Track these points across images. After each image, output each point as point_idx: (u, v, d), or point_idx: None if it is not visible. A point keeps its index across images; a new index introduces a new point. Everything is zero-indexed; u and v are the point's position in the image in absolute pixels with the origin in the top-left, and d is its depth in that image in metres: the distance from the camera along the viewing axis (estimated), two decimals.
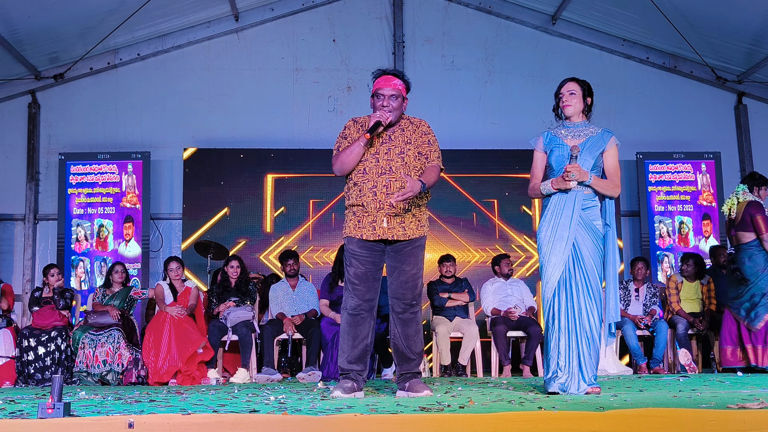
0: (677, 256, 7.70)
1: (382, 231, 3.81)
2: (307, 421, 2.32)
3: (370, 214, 3.83)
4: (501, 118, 8.21)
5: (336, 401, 3.34)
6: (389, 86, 3.88)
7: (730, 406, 2.66)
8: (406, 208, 3.82)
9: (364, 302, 3.83)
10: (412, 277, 3.85)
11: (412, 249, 3.86)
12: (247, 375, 6.07)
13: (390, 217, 3.81)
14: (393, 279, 3.86)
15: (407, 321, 3.85)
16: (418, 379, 3.89)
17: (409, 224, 3.86)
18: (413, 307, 3.85)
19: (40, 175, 7.94)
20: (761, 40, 7.41)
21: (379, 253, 3.87)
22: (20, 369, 5.90)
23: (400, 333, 3.85)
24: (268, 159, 7.84)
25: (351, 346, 3.82)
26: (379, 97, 3.87)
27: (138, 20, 7.32)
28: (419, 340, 3.90)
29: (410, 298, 3.84)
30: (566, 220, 3.76)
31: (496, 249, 7.67)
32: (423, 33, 8.28)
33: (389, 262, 3.89)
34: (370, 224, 3.83)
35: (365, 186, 3.83)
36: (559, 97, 3.95)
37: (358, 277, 3.84)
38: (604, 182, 3.84)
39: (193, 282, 6.50)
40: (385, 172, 3.82)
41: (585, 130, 3.91)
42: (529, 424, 2.28)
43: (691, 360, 6.35)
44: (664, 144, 8.17)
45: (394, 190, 3.77)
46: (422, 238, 3.92)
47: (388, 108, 3.84)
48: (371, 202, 3.81)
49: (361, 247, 3.85)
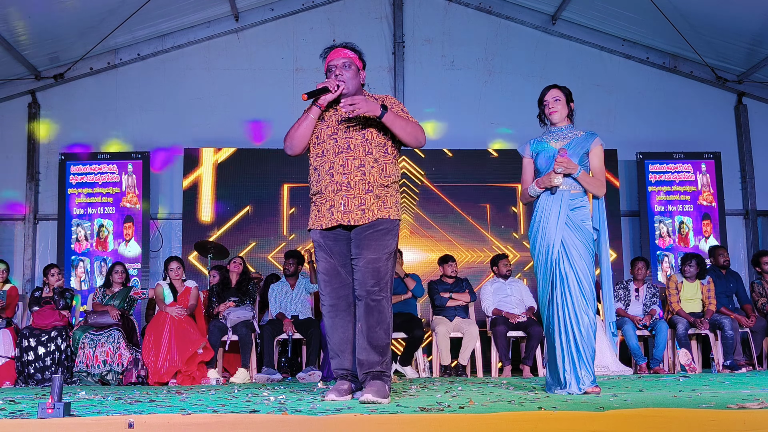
0: (677, 256, 7.71)
1: (339, 215, 3.45)
2: (307, 421, 2.32)
3: (328, 199, 3.49)
4: (501, 118, 8.21)
5: (336, 402, 3.30)
6: (339, 56, 3.57)
7: (730, 406, 2.66)
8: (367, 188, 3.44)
9: (339, 300, 3.52)
10: (372, 261, 3.41)
11: (373, 232, 3.44)
12: (247, 375, 6.07)
13: (348, 199, 3.44)
14: (354, 264, 3.48)
15: (369, 309, 3.39)
16: (381, 381, 3.34)
17: (370, 206, 3.45)
18: (375, 294, 3.40)
19: (40, 175, 7.94)
20: (761, 40, 7.40)
21: (343, 242, 3.51)
22: (20, 369, 5.90)
23: (362, 323, 3.42)
24: (269, 159, 7.84)
25: (338, 349, 3.53)
26: (331, 69, 3.56)
27: (138, 20, 7.32)
28: (382, 332, 3.40)
29: (371, 284, 3.40)
30: (553, 221, 3.83)
31: (494, 249, 7.66)
32: (423, 33, 8.28)
33: (352, 248, 3.49)
34: (328, 210, 3.49)
35: (323, 169, 3.50)
36: (544, 105, 4.03)
37: (327, 272, 3.52)
38: (590, 178, 3.91)
39: (193, 281, 6.50)
40: (343, 151, 3.47)
41: (570, 132, 3.99)
42: (529, 424, 2.28)
43: (691, 360, 6.35)
44: (664, 144, 8.18)
45: (351, 169, 3.44)
46: (387, 221, 3.48)
47: (342, 76, 3.51)
48: (328, 185, 3.47)
49: (324, 237, 3.53)
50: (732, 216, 8.19)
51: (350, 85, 3.53)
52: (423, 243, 7.75)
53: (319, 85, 3.48)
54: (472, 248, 7.82)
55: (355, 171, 3.44)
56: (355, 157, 3.46)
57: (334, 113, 3.58)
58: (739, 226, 8.29)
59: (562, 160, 3.80)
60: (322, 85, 3.47)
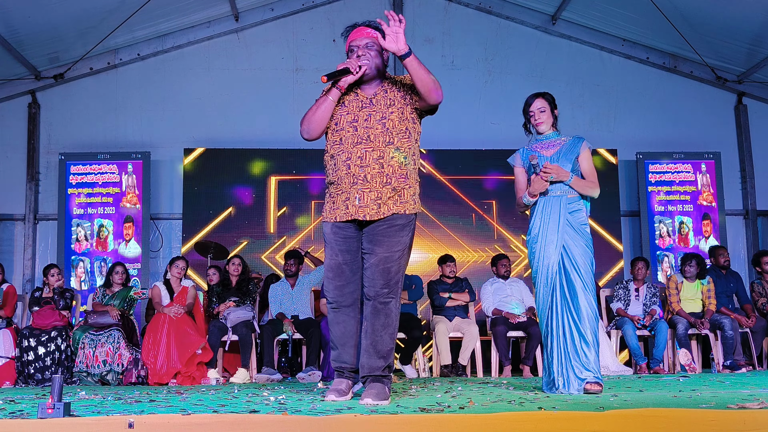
0: (677, 256, 7.71)
1: (354, 209, 3.32)
2: (307, 421, 2.32)
3: (344, 191, 3.35)
4: (501, 118, 8.21)
5: (336, 402, 3.30)
6: (362, 35, 3.41)
7: (730, 406, 2.66)
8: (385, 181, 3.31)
9: (342, 296, 3.42)
10: (384, 260, 3.29)
11: (387, 228, 3.32)
12: (247, 375, 6.07)
13: (363, 193, 3.31)
14: (364, 259, 3.37)
15: (376, 311, 3.31)
16: (381, 383, 3.27)
17: (387, 200, 3.32)
18: (384, 297, 3.31)
19: (40, 175, 7.94)
20: (761, 40, 7.41)
21: (353, 240, 3.39)
22: (20, 369, 5.90)
23: (368, 324, 3.33)
24: (269, 159, 7.85)
25: (340, 342, 3.44)
26: (353, 50, 3.41)
27: (138, 20, 7.32)
28: (387, 337, 3.32)
29: (380, 285, 3.30)
30: (554, 224, 3.87)
31: (495, 249, 7.67)
32: (423, 33, 8.28)
33: (364, 242, 3.37)
34: (343, 203, 3.35)
35: (339, 159, 3.35)
36: (530, 115, 4.04)
37: (332, 269, 3.42)
38: (583, 182, 3.95)
39: (190, 281, 6.50)
40: (362, 142, 3.32)
41: (557, 140, 4.03)
42: (529, 424, 2.28)
43: (691, 360, 6.35)
44: (664, 144, 8.18)
45: (369, 162, 3.29)
46: (403, 216, 3.35)
47: (364, 56, 3.35)
48: (345, 176, 3.33)
49: (335, 232, 3.40)
50: (732, 216, 8.20)
51: (371, 66, 3.38)
52: (423, 243, 7.75)
53: (339, 66, 3.32)
54: (470, 249, 7.82)
55: (373, 164, 3.31)
56: (374, 149, 3.32)
57: (355, 98, 3.43)
58: (739, 226, 8.29)
59: (552, 167, 3.84)
60: (343, 66, 3.31)
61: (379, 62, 3.44)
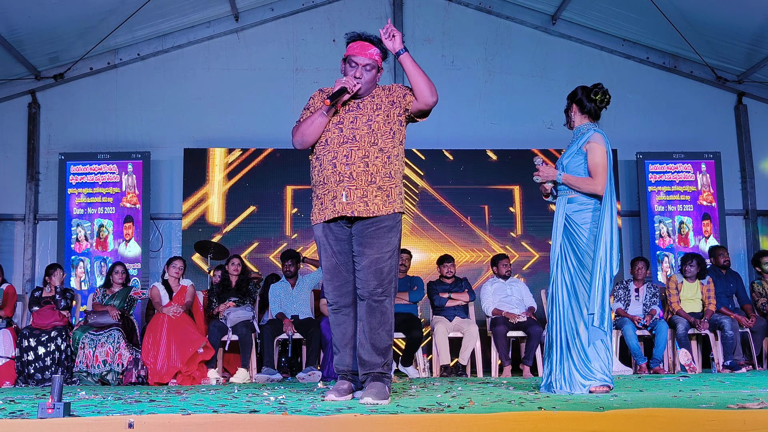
0: (677, 256, 7.71)
1: (341, 206, 3.39)
2: (307, 422, 2.32)
3: (331, 189, 3.43)
4: (501, 118, 8.21)
5: (336, 402, 3.30)
6: (364, 55, 3.49)
7: (730, 406, 2.66)
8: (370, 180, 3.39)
9: (341, 297, 3.49)
10: (375, 261, 3.37)
11: (376, 230, 3.39)
12: (247, 375, 6.07)
13: (350, 190, 3.38)
14: (356, 262, 3.45)
15: (371, 309, 3.37)
16: (381, 382, 3.32)
17: (374, 198, 3.39)
18: (378, 296, 3.37)
19: (40, 175, 7.94)
20: (761, 40, 7.40)
21: (345, 241, 3.47)
22: (20, 369, 5.90)
23: (364, 323, 3.40)
24: (268, 159, 7.84)
25: (341, 345, 3.53)
26: (352, 64, 3.50)
27: (138, 20, 7.32)
28: (384, 334, 3.38)
29: (374, 285, 3.37)
30: (556, 225, 3.90)
31: (494, 249, 7.66)
32: (423, 33, 8.27)
33: (354, 245, 3.44)
34: (330, 201, 3.43)
35: (325, 159, 3.44)
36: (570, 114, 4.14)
37: (329, 270, 3.50)
38: (574, 178, 3.90)
39: (189, 280, 6.50)
40: (347, 141, 3.42)
41: (577, 133, 4.07)
42: (529, 424, 2.28)
43: (691, 360, 6.35)
44: (664, 144, 8.17)
45: (355, 160, 3.38)
46: (390, 217, 3.43)
47: (362, 78, 3.48)
48: (330, 175, 3.41)
49: (326, 234, 3.48)
50: (732, 216, 8.19)
51: (365, 88, 3.52)
52: (423, 243, 7.75)
53: (336, 85, 3.46)
54: (468, 249, 7.81)
55: (359, 162, 3.39)
56: (360, 148, 3.41)
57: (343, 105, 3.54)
58: (739, 226, 8.29)
59: (540, 168, 3.92)
60: (340, 86, 3.44)
61: (374, 84, 3.57)
